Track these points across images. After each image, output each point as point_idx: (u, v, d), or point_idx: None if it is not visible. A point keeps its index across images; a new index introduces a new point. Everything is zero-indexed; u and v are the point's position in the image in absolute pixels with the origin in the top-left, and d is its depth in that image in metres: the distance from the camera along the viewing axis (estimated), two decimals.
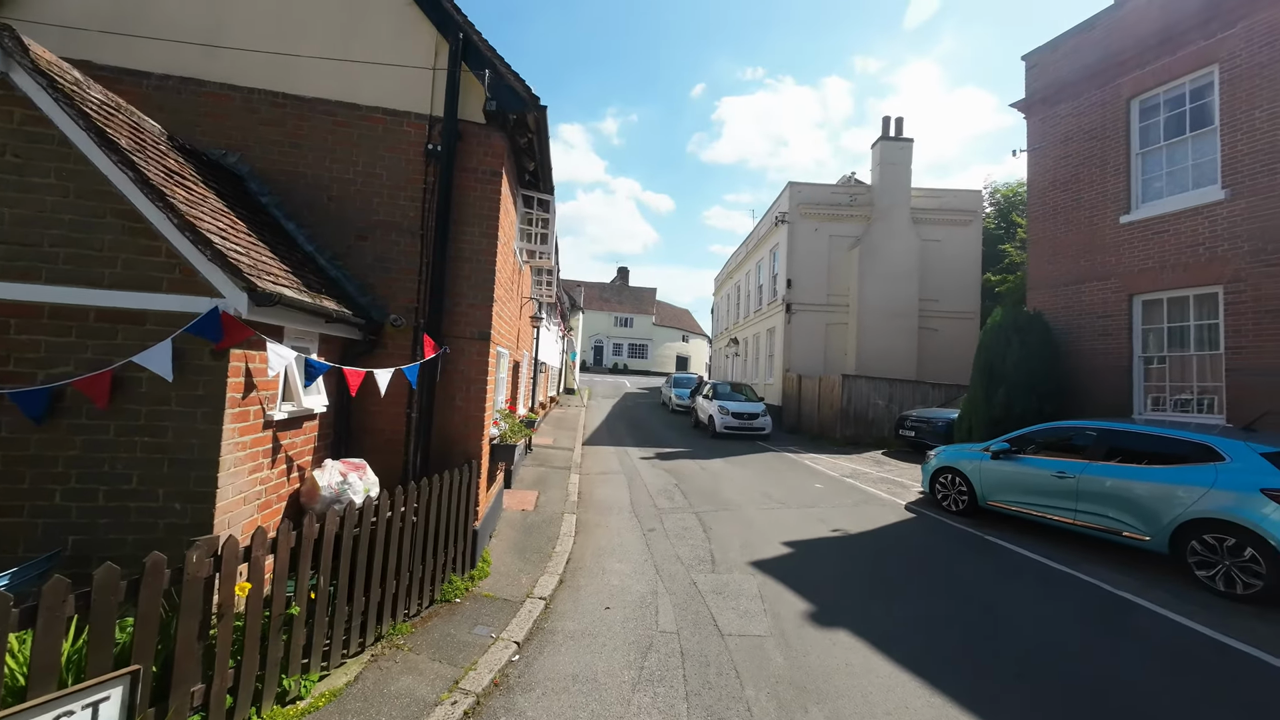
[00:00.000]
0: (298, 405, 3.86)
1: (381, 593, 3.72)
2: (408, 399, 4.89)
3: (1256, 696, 3.42)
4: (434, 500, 4.30)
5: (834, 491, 9.00)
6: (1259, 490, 4.72)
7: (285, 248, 4.35)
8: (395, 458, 4.87)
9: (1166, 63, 8.38)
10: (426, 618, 4.11)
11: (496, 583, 4.83)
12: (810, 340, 18.79)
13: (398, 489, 3.88)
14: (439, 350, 4.84)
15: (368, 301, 4.90)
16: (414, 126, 5.08)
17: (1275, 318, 7.04)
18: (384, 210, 5.02)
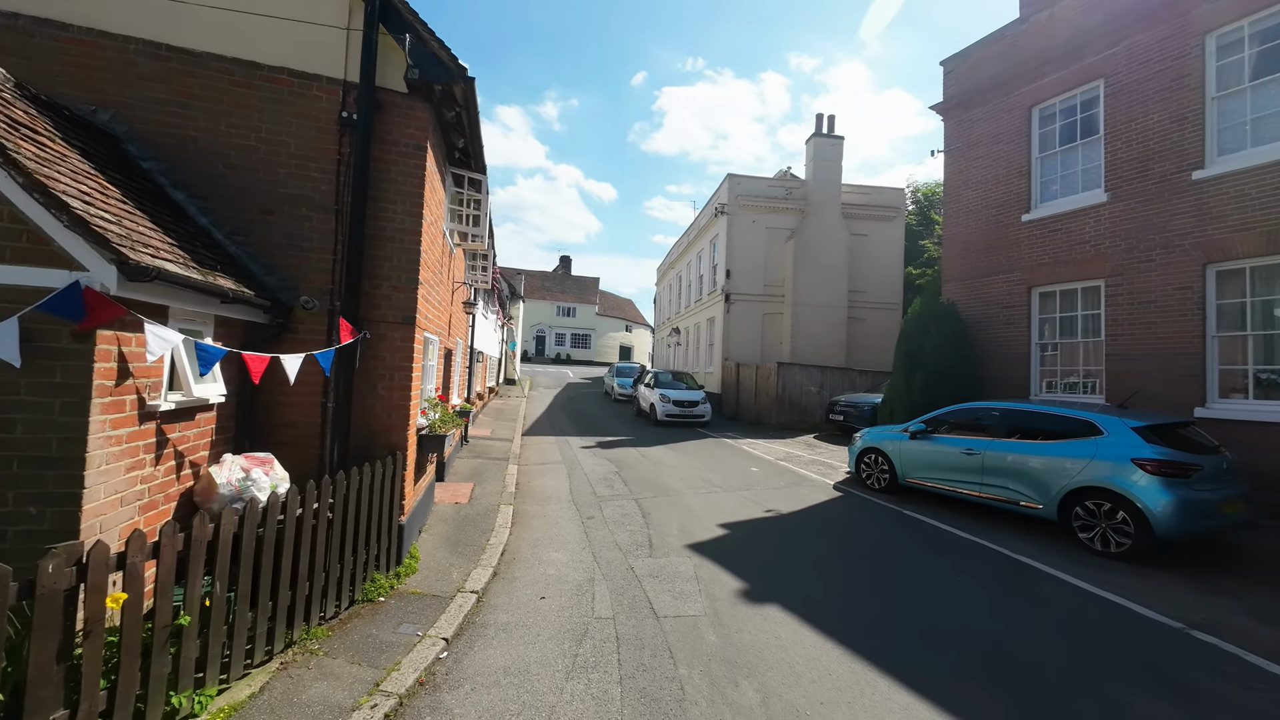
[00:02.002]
0: (189, 395, 3.46)
1: (292, 596, 3.43)
2: (323, 388, 4.53)
3: (1126, 640, 3.85)
4: (353, 495, 4.02)
5: (769, 474, 9.31)
6: (1130, 460, 5.31)
7: (173, 219, 3.88)
8: (309, 451, 4.51)
9: (1061, 75, 9.17)
10: (346, 620, 3.85)
11: (425, 579, 4.61)
12: (748, 330, 19.31)
13: (310, 484, 3.58)
14: (357, 335, 4.51)
15: (275, 282, 4.47)
16: (326, 92, 4.66)
17: (1146, 309, 7.94)
18: (292, 183, 4.59)
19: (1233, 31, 7.32)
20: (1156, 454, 5.23)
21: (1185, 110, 7.63)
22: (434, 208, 5.55)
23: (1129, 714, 3.04)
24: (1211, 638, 3.86)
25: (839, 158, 19.25)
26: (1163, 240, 7.77)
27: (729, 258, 19.38)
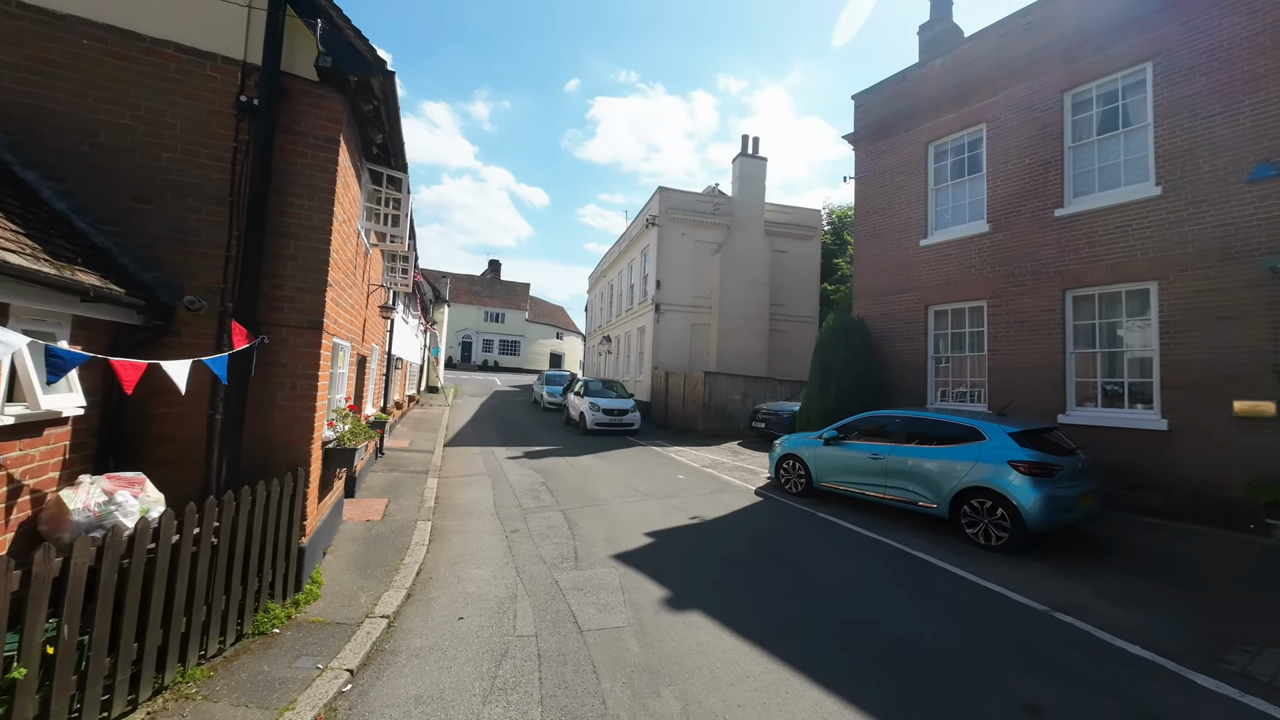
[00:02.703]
0: (35, 407, 2.98)
1: (164, 635, 3.04)
2: (210, 398, 4.07)
3: (1003, 624, 4.30)
4: (244, 517, 3.64)
5: (695, 481, 9.52)
6: (1006, 462, 5.97)
7: (18, 202, 3.35)
8: (192, 469, 4.03)
9: (951, 117, 10.26)
10: (233, 657, 3.46)
11: (329, 605, 4.25)
12: (677, 339, 19.73)
13: (190, 507, 3.20)
14: (253, 340, 4.10)
15: (154, 278, 3.98)
16: (222, 73, 4.24)
17: (1020, 327, 9.00)
18: (178, 169, 4.11)
19: (1084, 92, 8.55)
20: (1028, 456, 5.92)
21: (1049, 156, 8.79)
22: (347, 205, 5.20)
23: (1005, 690, 3.38)
24: (1070, 618, 4.40)
25: (763, 177, 20.26)
26: (1033, 268, 8.87)
27: (659, 268, 19.74)
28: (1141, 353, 7.77)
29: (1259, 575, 5.40)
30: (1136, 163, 7.92)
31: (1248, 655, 3.82)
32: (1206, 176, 7.17)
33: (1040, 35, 9.02)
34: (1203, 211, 7.18)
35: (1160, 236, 7.53)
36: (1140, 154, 7.88)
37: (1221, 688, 3.44)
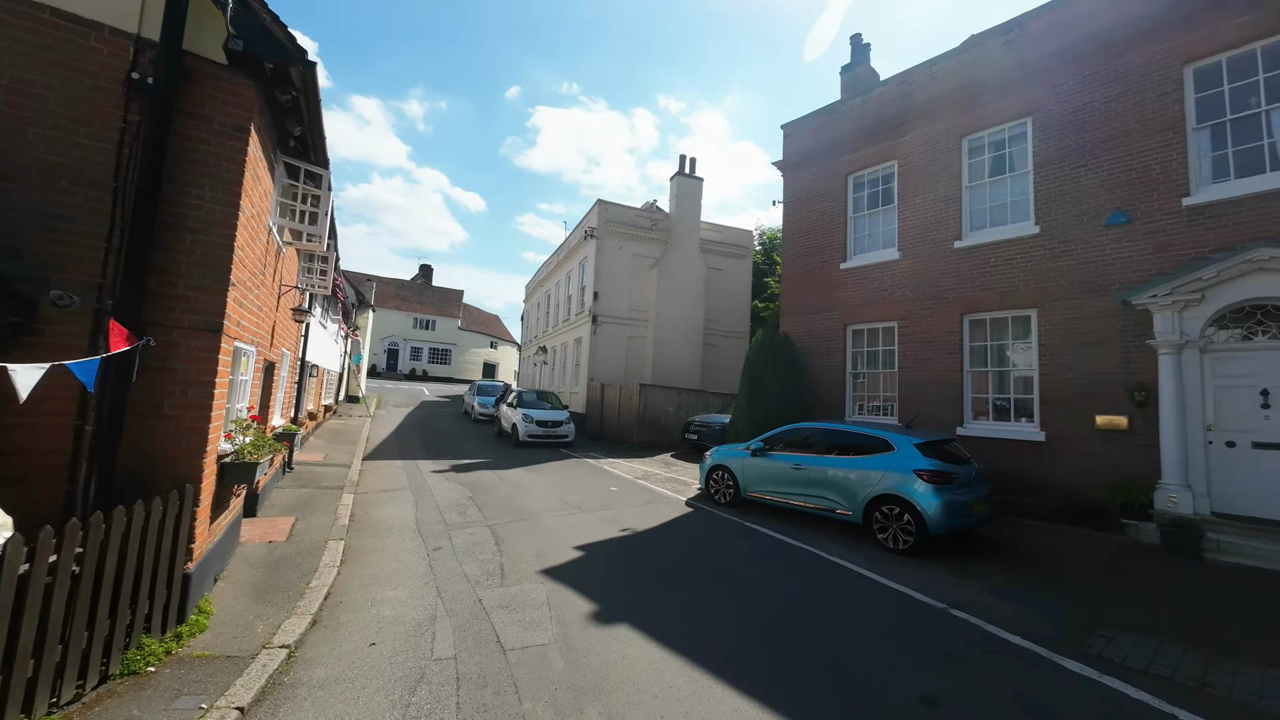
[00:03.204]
0: None
1: (5, 681, 2.62)
2: (79, 407, 3.60)
3: (908, 622, 4.62)
4: (115, 542, 3.22)
5: (627, 493, 9.53)
6: (912, 471, 6.47)
7: None
8: (52, 487, 3.52)
9: (867, 152, 11.13)
10: (94, 702, 3.04)
11: (218, 637, 3.84)
12: (613, 351, 19.79)
13: (45, 532, 2.80)
14: (136, 342, 3.68)
15: (11, 269, 3.48)
16: (110, 45, 3.83)
17: (926, 347, 9.83)
18: (47, 146, 3.65)
19: (978, 138, 9.58)
20: (930, 465, 6.44)
21: (950, 193, 9.75)
22: (257, 199, 4.82)
23: (908, 684, 3.63)
24: (964, 614, 4.80)
25: (699, 196, 20.94)
26: (936, 293, 9.74)
27: (597, 280, 19.79)
28: (1025, 372, 8.72)
29: (1116, 568, 6.16)
30: (1020, 204, 8.96)
31: (1105, 640, 4.33)
32: (1074, 220, 8.24)
33: (942, 84, 10.03)
34: (1072, 249, 8.23)
35: (1039, 270, 8.54)
36: (1023, 196, 8.92)
37: (1085, 670, 3.87)
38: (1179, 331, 7.08)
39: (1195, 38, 7.36)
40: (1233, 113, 7.12)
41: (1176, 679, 3.76)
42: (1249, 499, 6.64)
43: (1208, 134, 7.30)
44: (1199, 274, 6.85)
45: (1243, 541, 6.26)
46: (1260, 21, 6.90)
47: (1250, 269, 6.59)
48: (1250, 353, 6.78)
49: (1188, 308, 7.03)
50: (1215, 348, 6.98)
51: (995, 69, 9.29)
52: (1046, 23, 8.82)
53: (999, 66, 9.24)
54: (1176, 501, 6.85)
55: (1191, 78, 7.44)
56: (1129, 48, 7.90)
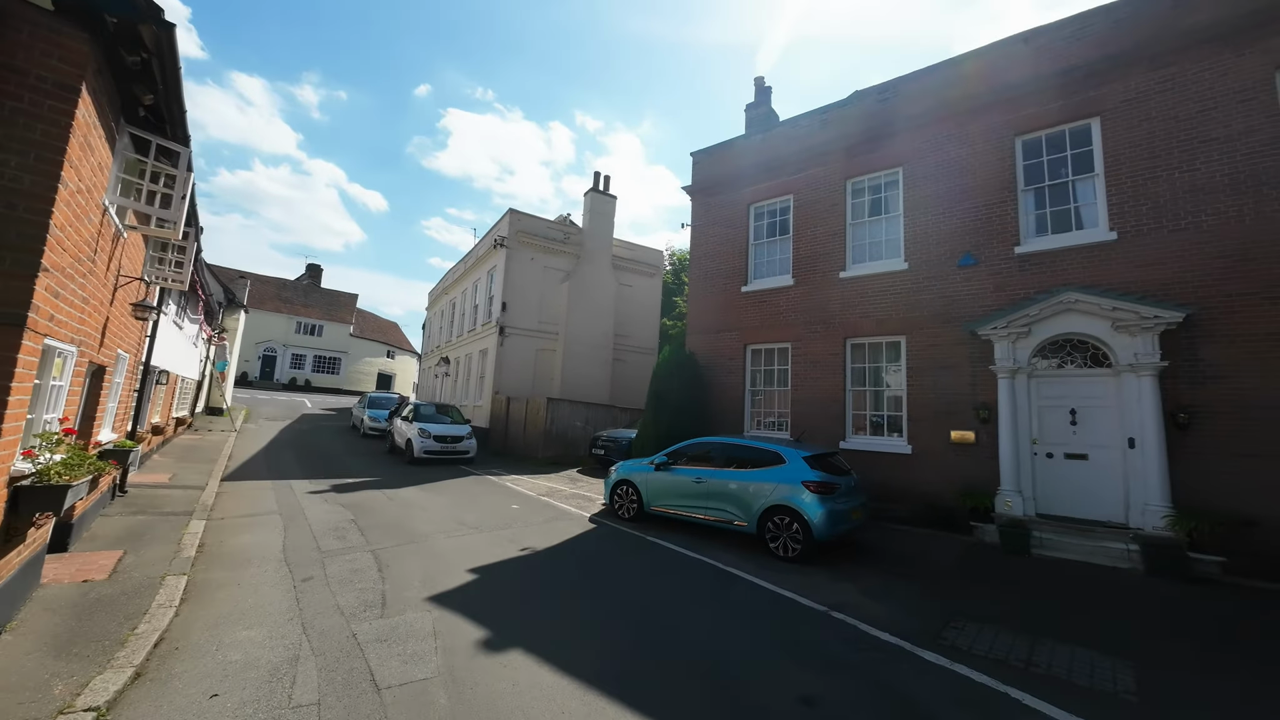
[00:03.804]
0: None
1: None
2: None
3: (792, 626, 4.88)
4: None
5: (529, 511, 9.22)
6: (801, 483, 6.92)
7: None
8: None
9: (767, 185, 11.98)
10: None
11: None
12: (521, 364, 19.27)
13: None
14: None
15: None
16: None
17: (814, 367, 10.65)
18: None
19: (860, 181, 10.69)
20: (816, 477, 6.93)
21: (836, 228, 10.74)
22: (87, 173, 4.10)
23: (790, 686, 3.81)
24: (842, 615, 5.17)
25: (612, 214, 21.24)
26: (823, 317, 10.63)
27: (506, 290, 19.24)
28: (896, 391, 9.74)
29: (965, 566, 6.99)
30: (893, 243, 10.10)
31: (956, 631, 4.88)
32: (935, 259, 9.43)
33: (831, 130, 11.11)
34: (932, 284, 9.40)
35: (907, 301, 9.64)
36: (895, 236, 10.07)
37: (939, 660, 4.32)
38: (1013, 359, 8.32)
39: (1022, 115, 8.83)
40: (1050, 180, 8.61)
41: (1009, 661, 4.31)
42: (1062, 501, 7.90)
43: (1033, 195, 8.75)
44: (1026, 311, 8.13)
45: (1057, 538, 7.41)
46: (1066, 109, 8.45)
47: (1062, 309, 7.94)
48: (1063, 378, 8.13)
49: (1019, 339, 8.30)
50: (1039, 373, 8.28)
51: (873, 123, 10.47)
52: (912, 88, 10.13)
53: (876, 121, 10.44)
54: (1011, 505, 7.96)
55: (1021, 148, 8.90)
56: (974, 117, 9.30)
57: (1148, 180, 7.70)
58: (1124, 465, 7.45)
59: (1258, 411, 6.69)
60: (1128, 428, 7.44)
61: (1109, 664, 4.28)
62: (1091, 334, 7.80)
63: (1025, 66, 8.88)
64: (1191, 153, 7.43)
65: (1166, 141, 7.61)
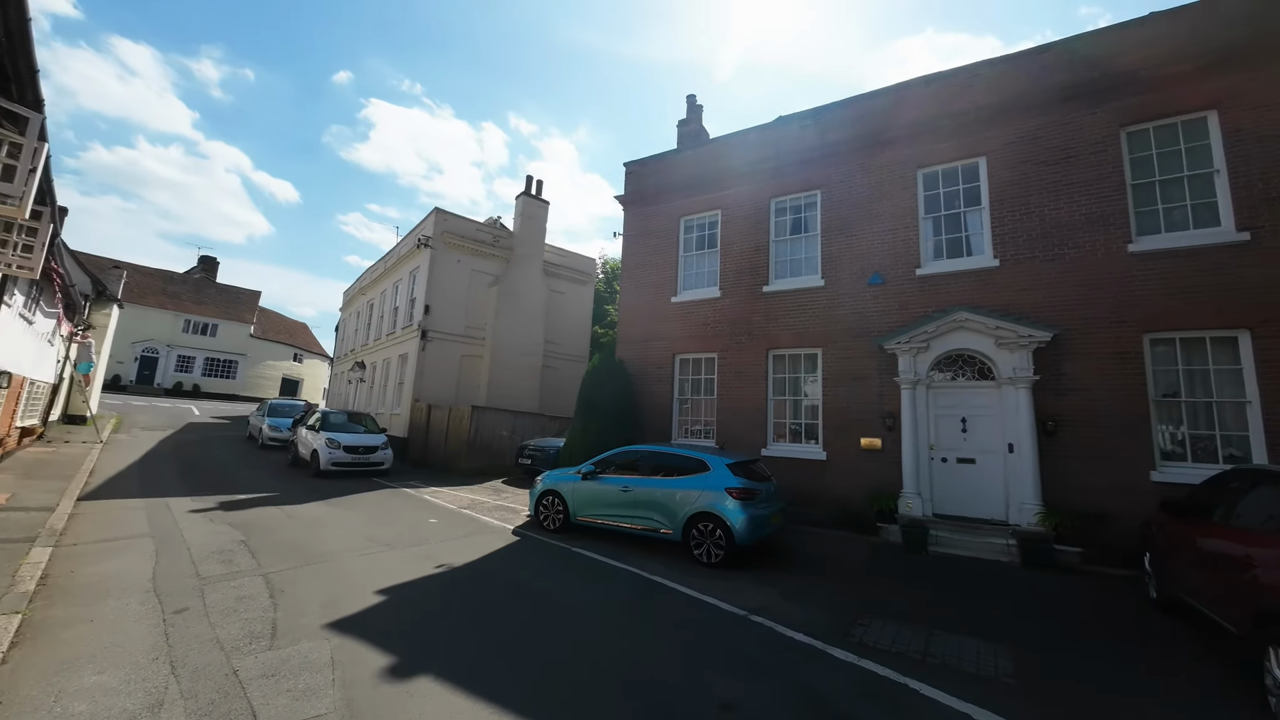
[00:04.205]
0: None
1: None
2: None
3: (713, 631, 4.95)
4: None
5: (448, 525, 8.76)
6: (724, 489, 7.09)
7: None
8: None
9: (697, 199, 12.34)
10: None
11: None
12: (444, 370, 18.42)
13: None
14: None
15: None
16: None
17: (739, 377, 11.01)
18: None
19: (783, 201, 11.27)
20: (738, 483, 7.13)
21: (761, 244, 11.24)
22: None
23: (709, 692, 3.84)
24: (761, 618, 5.32)
25: (544, 219, 20.95)
26: (748, 329, 11.05)
27: (430, 293, 18.36)
28: (813, 401, 10.29)
29: (872, 565, 7.46)
30: (811, 260, 10.71)
31: (863, 628, 5.17)
32: (848, 277, 10.11)
33: (758, 152, 11.65)
34: (846, 301, 10.06)
35: (824, 316, 10.24)
36: (814, 254, 10.69)
37: (848, 656, 4.54)
38: (914, 371, 9.06)
39: (922, 150, 9.73)
40: (945, 210, 9.52)
41: (909, 654, 4.62)
42: (955, 501, 8.67)
43: (931, 223, 9.63)
44: (925, 328, 8.90)
45: (950, 535, 8.12)
46: (959, 147, 9.41)
47: (955, 327, 8.77)
48: (956, 389, 8.96)
49: (920, 353, 9.06)
50: (935, 385, 9.08)
51: (795, 147, 11.10)
52: (830, 118, 10.87)
53: (798, 146, 11.08)
54: (911, 506, 8.63)
55: (921, 179, 9.78)
56: (883, 149, 10.12)
57: (1023, 215, 8.72)
58: (1005, 468, 8.31)
59: (1105, 420, 7.73)
60: (1008, 434, 8.32)
61: (991, 650, 4.71)
62: (979, 350, 8.67)
63: (926, 107, 9.80)
64: (1057, 194, 8.51)
65: (1038, 182, 8.68)
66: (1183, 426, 7.50)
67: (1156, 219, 7.97)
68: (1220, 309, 7.33)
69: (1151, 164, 8.09)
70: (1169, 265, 7.68)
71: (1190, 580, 5.06)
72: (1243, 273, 7.24)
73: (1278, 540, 3.95)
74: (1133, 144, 8.22)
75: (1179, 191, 7.88)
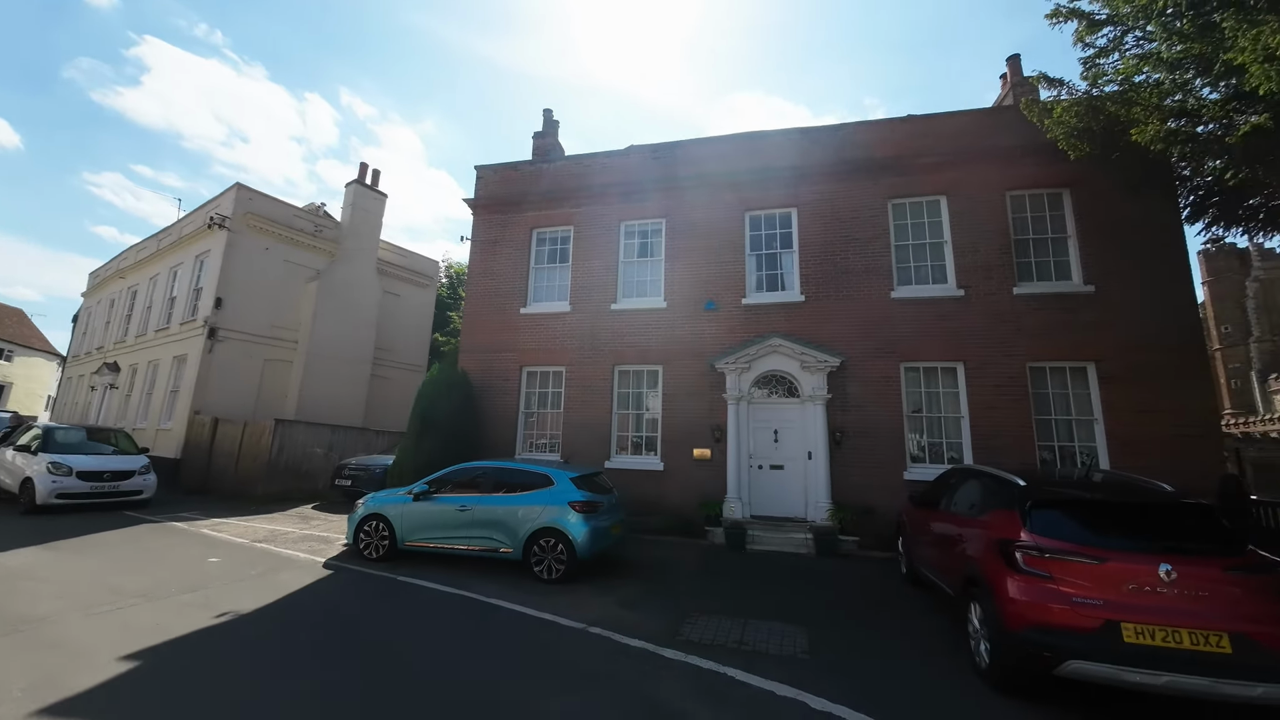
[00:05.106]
0: None
1: None
2: None
3: (549, 648, 4.91)
4: None
5: (236, 564, 7.32)
6: (567, 503, 7.12)
7: None
8: None
9: (550, 213, 12.39)
10: None
11: None
12: (239, 377, 15.46)
13: None
14: None
15: None
16: None
17: (586, 391, 11.21)
18: None
19: (632, 225, 11.90)
20: (581, 497, 7.22)
21: (611, 264, 11.68)
22: None
23: (548, 711, 3.81)
24: (599, 629, 5.43)
25: (380, 213, 19.01)
26: (595, 345, 11.35)
27: (224, 283, 15.32)
28: (654, 415, 10.93)
29: (700, 566, 8.13)
30: (656, 283, 11.46)
31: (690, 625, 5.60)
32: (688, 301, 11.03)
33: (611, 175, 12.15)
34: (685, 323, 10.95)
35: (666, 335, 11.01)
36: (659, 277, 11.45)
37: (677, 655, 4.87)
38: (739, 389, 10.21)
39: (750, 196, 11.15)
40: (766, 249, 11.00)
41: (727, 645, 5.13)
42: (768, 503, 9.92)
43: (755, 259, 11.03)
44: (748, 351, 10.12)
45: (763, 534, 9.25)
46: (778, 197, 10.98)
47: (770, 351, 10.13)
48: (770, 405, 10.31)
49: (743, 373, 10.24)
50: (755, 401, 10.33)
51: (645, 175, 11.85)
52: (677, 154, 11.85)
53: (647, 175, 11.84)
54: (734, 510, 9.65)
55: (748, 221, 11.17)
56: (720, 190, 11.33)
57: (823, 261, 10.49)
58: (805, 473, 9.78)
59: (875, 431, 9.61)
60: (808, 444, 9.82)
61: (791, 632, 5.47)
62: (789, 371, 10.13)
63: (753, 158, 11.26)
64: (847, 246, 10.43)
65: (834, 235, 10.53)
66: (924, 435, 9.67)
67: (910, 273, 10.24)
68: (946, 346, 9.66)
69: (908, 230, 10.39)
70: (917, 310, 9.90)
71: (926, 557, 6.51)
72: (960, 320, 9.67)
73: (978, 522, 5.30)
74: (896, 213, 10.47)
75: (924, 254, 10.25)
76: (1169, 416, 8.56)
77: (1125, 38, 7.17)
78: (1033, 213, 9.90)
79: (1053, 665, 3.82)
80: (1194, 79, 6.72)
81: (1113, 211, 9.20)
